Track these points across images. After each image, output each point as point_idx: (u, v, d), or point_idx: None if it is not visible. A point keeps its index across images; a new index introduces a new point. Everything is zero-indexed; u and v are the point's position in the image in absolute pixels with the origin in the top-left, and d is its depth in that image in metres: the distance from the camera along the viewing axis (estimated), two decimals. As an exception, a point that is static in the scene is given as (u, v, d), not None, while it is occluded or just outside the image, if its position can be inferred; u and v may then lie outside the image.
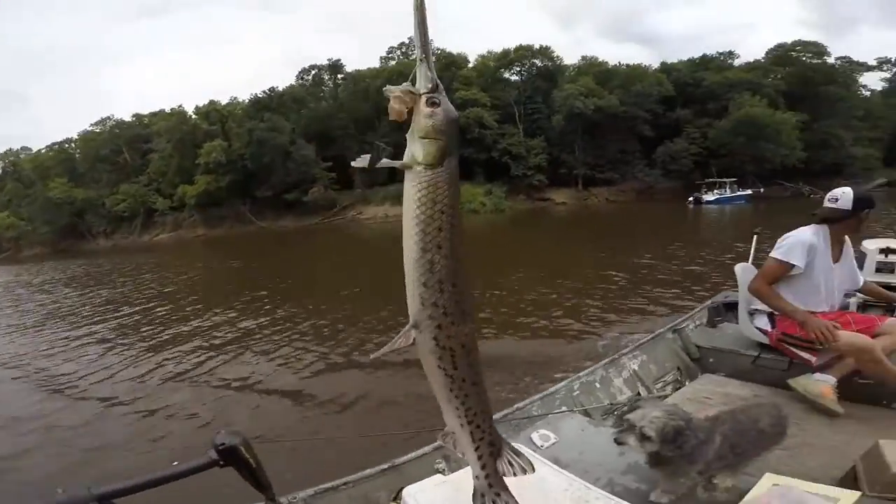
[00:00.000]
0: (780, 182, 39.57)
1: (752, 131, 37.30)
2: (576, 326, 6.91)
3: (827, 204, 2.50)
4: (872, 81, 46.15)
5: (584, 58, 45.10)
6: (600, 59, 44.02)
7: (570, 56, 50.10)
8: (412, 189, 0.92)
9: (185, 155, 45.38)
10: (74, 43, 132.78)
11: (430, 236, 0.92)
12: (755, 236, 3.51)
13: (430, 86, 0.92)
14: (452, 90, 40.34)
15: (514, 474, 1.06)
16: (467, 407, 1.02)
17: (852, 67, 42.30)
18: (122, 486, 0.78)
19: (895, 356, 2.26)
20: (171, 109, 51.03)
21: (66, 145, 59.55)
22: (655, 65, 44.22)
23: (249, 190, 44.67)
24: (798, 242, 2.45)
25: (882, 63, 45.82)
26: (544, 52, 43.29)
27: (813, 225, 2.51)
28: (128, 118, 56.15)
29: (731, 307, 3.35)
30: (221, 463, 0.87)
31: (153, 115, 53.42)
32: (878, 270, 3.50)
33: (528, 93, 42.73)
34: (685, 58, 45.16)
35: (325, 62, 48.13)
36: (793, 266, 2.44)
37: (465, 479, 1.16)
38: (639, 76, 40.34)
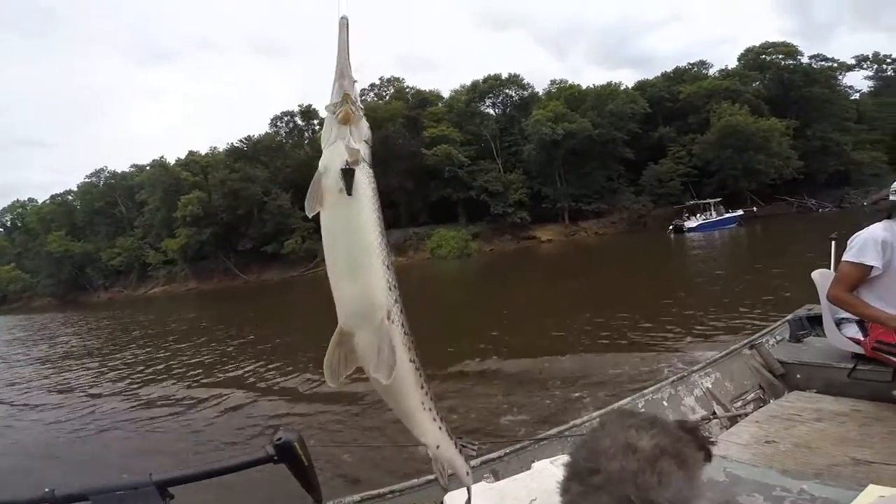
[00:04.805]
0: (784, 198, 33.92)
1: (737, 142, 33.13)
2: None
3: (892, 197, 2.18)
4: (857, 82, 42.84)
5: (552, 82, 39.59)
6: (571, 83, 38.28)
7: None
8: (367, 181, 0.91)
9: (171, 207, 41.96)
10: (81, 93, 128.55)
11: (380, 222, 0.91)
12: (833, 242, 2.86)
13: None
14: (421, 128, 35.01)
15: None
16: (432, 399, 0.95)
17: (830, 67, 38.34)
18: (180, 474, 0.79)
19: None
20: (153, 161, 48.06)
21: (69, 196, 57.62)
22: (632, 84, 38.98)
23: (232, 243, 40.27)
24: (870, 240, 2.12)
25: (861, 61, 41.66)
26: (515, 80, 38.06)
27: (882, 221, 2.19)
28: (123, 169, 53.94)
29: (816, 321, 2.92)
30: (276, 459, 0.84)
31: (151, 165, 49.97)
32: None
33: (502, 125, 37.28)
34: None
35: (296, 109, 43.60)
36: (870, 267, 2.10)
37: (510, 487, 1.13)
38: (610, 95, 34.70)
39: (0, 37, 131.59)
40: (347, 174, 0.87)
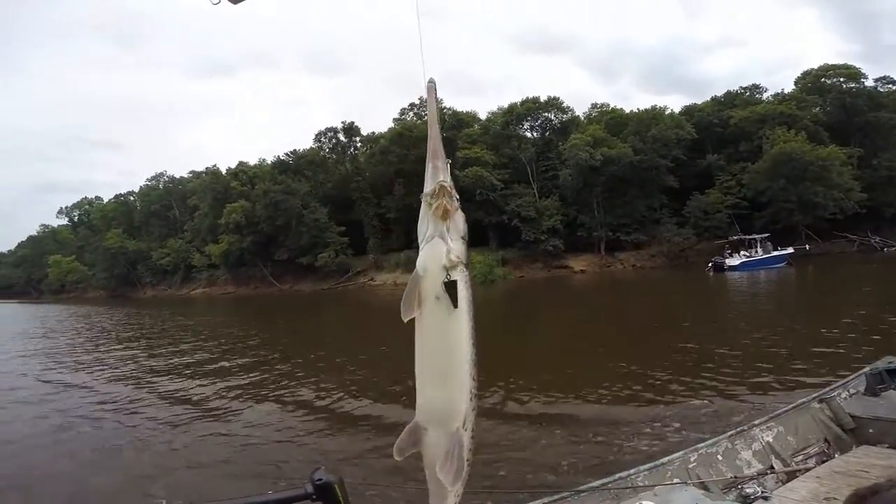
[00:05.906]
0: (844, 235, 30.95)
1: (792, 172, 30.47)
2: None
3: None
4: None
5: (594, 105, 38.08)
6: (613, 107, 36.71)
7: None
8: (466, 289, 0.86)
9: (218, 214, 43.71)
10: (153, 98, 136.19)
11: (473, 332, 0.87)
12: None
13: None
14: (456, 149, 34.63)
15: None
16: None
17: (897, 89, 35.08)
18: None
19: None
20: (207, 168, 50.47)
21: (131, 197, 61.44)
22: (679, 109, 36.96)
23: (269, 252, 42.45)
24: None
25: (934, 84, 36.66)
26: (554, 103, 36.86)
27: None
28: (181, 174, 57.03)
29: None
30: (314, 497, 0.84)
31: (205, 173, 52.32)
32: None
33: (539, 149, 36.19)
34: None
35: (339, 125, 44.25)
36: None
37: None
38: (653, 120, 32.86)
39: (84, 46, 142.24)
40: (450, 287, 0.81)
